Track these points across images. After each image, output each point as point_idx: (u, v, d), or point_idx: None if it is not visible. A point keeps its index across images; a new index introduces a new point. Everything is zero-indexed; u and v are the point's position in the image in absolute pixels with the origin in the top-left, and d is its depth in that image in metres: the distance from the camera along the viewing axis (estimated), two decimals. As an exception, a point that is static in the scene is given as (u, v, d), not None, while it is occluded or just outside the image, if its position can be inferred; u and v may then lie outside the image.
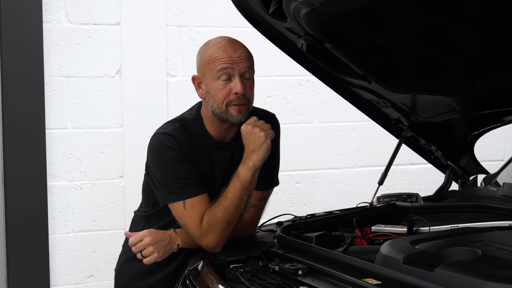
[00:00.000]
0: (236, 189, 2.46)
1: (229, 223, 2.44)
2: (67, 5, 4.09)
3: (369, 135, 4.84)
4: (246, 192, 2.46)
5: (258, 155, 2.46)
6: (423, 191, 4.60)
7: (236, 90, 2.48)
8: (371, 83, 2.79)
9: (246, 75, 2.52)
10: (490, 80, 2.65)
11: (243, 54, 2.52)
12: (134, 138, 4.23)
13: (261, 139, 2.46)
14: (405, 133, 3.13)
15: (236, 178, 2.47)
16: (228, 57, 2.49)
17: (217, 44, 2.53)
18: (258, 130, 2.47)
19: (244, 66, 2.51)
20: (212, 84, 2.52)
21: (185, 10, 4.36)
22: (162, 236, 2.51)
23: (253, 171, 2.46)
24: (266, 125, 2.50)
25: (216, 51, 2.51)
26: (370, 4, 2.25)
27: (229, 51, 2.50)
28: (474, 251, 1.92)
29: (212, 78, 2.51)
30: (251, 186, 2.48)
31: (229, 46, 2.51)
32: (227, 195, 2.46)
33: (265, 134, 2.47)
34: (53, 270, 4.15)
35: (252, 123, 2.50)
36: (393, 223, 2.78)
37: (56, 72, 4.10)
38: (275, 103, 4.52)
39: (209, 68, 2.51)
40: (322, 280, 1.96)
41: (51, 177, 4.12)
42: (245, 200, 2.47)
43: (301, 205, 4.65)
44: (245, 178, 2.45)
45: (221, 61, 2.48)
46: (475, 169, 3.29)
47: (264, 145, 2.47)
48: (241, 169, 2.47)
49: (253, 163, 2.46)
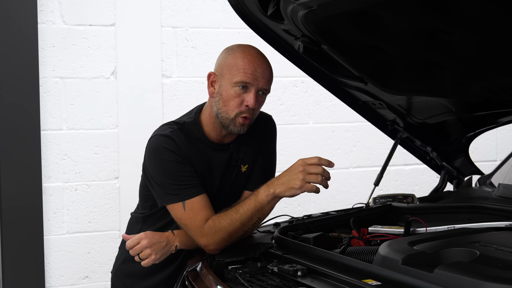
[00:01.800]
0: (249, 207, 2.43)
1: (231, 235, 2.43)
2: (62, 6, 4.09)
3: (363, 136, 4.86)
4: (257, 214, 2.44)
5: (282, 190, 2.39)
6: (417, 191, 4.62)
7: (249, 103, 2.49)
8: (368, 84, 2.80)
9: (262, 92, 2.54)
10: (486, 82, 2.66)
11: (266, 72, 2.53)
12: (129, 139, 4.24)
13: (296, 183, 2.36)
14: (401, 134, 3.13)
15: (253, 197, 2.44)
16: (253, 70, 2.49)
17: (246, 52, 2.53)
18: (302, 176, 2.35)
19: (263, 85, 2.52)
20: (227, 88, 2.52)
21: (180, 11, 4.37)
22: (159, 238, 2.50)
23: (272, 198, 2.41)
24: (317, 177, 2.35)
25: (243, 59, 2.50)
26: (368, 6, 2.26)
27: (256, 65, 2.50)
28: (472, 252, 1.93)
29: (230, 83, 2.51)
30: (264, 211, 2.44)
31: (257, 59, 2.52)
32: (239, 209, 2.44)
33: (303, 185, 2.35)
34: (48, 271, 4.15)
35: (309, 162, 2.37)
36: (390, 224, 2.78)
37: (51, 73, 4.09)
38: (270, 104, 4.53)
39: (230, 72, 2.51)
40: (321, 281, 1.96)
41: (46, 178, 4.11)
42: (254, 221, 2.45)
43: (295, 206, 4.66)
44: (261, 201, 2.42)
45: (245, 72, 2.49)
46: (469, 170, 3.30)
47: (293, 190, 2.37)
48: (261, 191, 2.43)
49: (274, 190, 2.40)
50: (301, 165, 2.37)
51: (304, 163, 2.36)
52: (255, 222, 2.46)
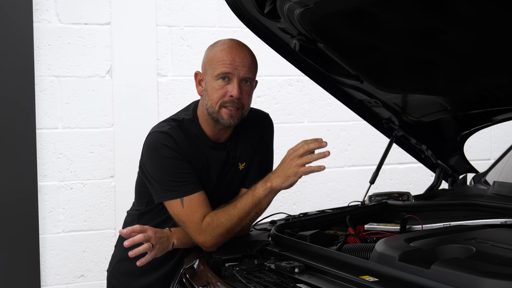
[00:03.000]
0: (247, 202, 2.44)
1: (229, 231, 2.44)
2: (57, 5, 4.09)
3: (358, 135, 4.87)
4: (255, 209, 2.45)
5: (279, 182, 2.41)
6: (411, 190, 4.63)
7: (232, 93, 2.50)
8: (363, 82, 2.81)
9: (246, 81, 2.54)
10: (482, 80, 2.67)
11: (246, 60, 2.53)
12: (124, 137, 4.24)
13: (292, 171, 2.38)
14: (396, 133, 3.14)
15: (251, 191, 2.45)
16: (231, 60, 2.50)
17: (224, 45, 2.55)
18: (295, 163, 2.37)
19: (244, 73, 2.52)
20: (210, 83, 2.54)
21: (176, 10, 4.37)
22: (160, 233, 2.46)
23: (268, 192, 2.42)
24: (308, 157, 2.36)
25: (220, 52, 2.52)
26: (364, 5, 2.27)
27: (234, 54, 2.51)
28: (469, 248, 1.94)
29: (212, 77, 2.53)
30: (261, 205, 2.45)
31: (235, 49, 2.53)
32: (237, 205, 2.45)
33: (298, 171, 2.37)
34: (44, 270, 4.15)
35: (297, 149, 2.39)
36: (385, 222, 2.79)
37: (46, 72, 4.09)
38: (265, 103, 4.54)
39: (211, 67, 2.54)
40: (319, 277, 1.97)
41: (42, 177, 4.11)
42: (252, 216, 2.46)
43: (291, 204, 4.67)
44: (258, 195, 2.43)
45: (223, 63, 2.50)
46: (464, 168, 3.31)
47: (290, 179, 2.39)
48: (258, 185, 2.45)
49: (271, 184, 2.42)
50: (290, 154, 2.40)
51: (292, 151, 2.39)
52: (253, 217, 2.47)
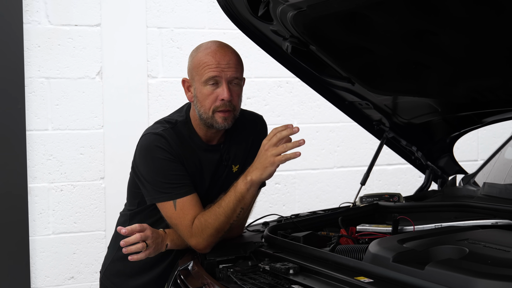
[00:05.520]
0: (230, 199, 2.45)
1: (218, 231, 2.45)
2: (47, 6, 4.08)
3: (347, 136, 4.89)
4: (240, 205, 2.45)
5: (258, 174, 2.42)
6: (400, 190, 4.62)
7: (222, 96, 2.50)
8: (355, 84, 2.82)
9: (234, 82, 2.54)
10: (473, 82, 2.69)
11: (231, 61, 2.53)
12: (115, 139, 4.23)
13: (268, 162, 2.39)
14: (387, 134, 3.15)
15: (233, 188, 2.46)
16: (217, 63, 2.50)
17: (207, 49, 2.54)
18: (270, 153, 2.38)
19: (232, 74, 2.52)
20: (200, 89, 2.54)
21: (166, 12, 4.37)
22: (157, 234, 2.46)
23: (249, 186, 2.43)
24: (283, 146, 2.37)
25: (205, 57, 2.52)
26: (357, 7, 2.28)
27: (218, 57, 2.51)
28: (462, 249, 1.96)
29: (200, 83, 2.53)
30: (245, 200, 2.45)
31: (218, 52, 2.52)
32: (221, 203, 2.46)
33: (274, 160, 2.38)
34: (34, 272, 4.13)
35: (270, 139, 2.41)
36: (377, 223, 2.81)
37: (36, 73, 4.08)
38: (255, 105, 4.55)
39: (198, 73, 2.53)
40: (313, 279, 1.98)
41: (32, 178, 4.10)
42: (238, 212, 2.46)
43: (280, 206, 4.69)
44: (240, 191, 2.44)
45: (210, 68, 2.50)
46: (454, 169, 3.34)
47: (268, 169, 2.40)
48: (239, 181, 2.45)
49: (251, 178, 2.42)
50: (264, 144, 2.41)
51: (266, 141, 2.41)
52: (239, 214, 2.47)
